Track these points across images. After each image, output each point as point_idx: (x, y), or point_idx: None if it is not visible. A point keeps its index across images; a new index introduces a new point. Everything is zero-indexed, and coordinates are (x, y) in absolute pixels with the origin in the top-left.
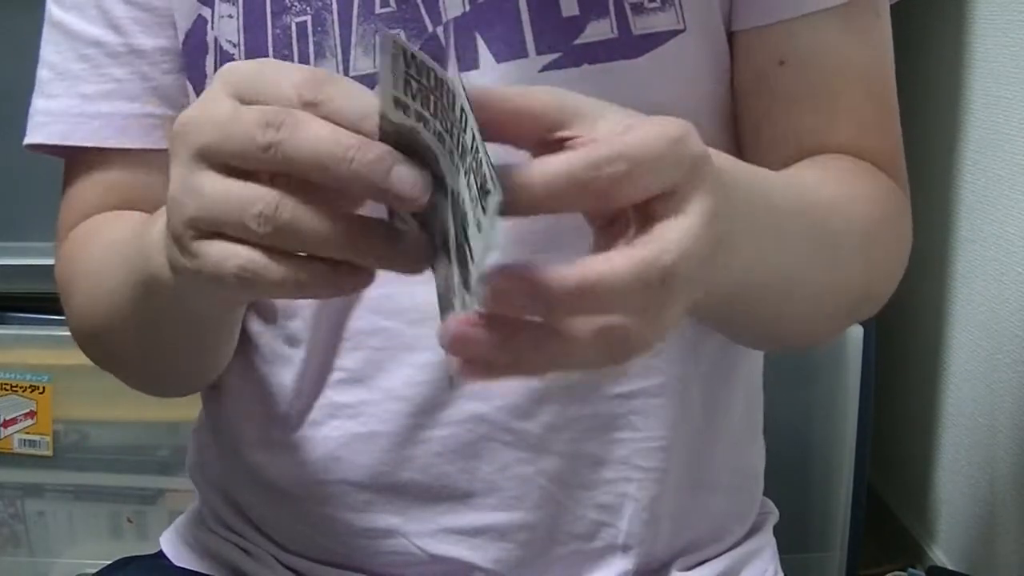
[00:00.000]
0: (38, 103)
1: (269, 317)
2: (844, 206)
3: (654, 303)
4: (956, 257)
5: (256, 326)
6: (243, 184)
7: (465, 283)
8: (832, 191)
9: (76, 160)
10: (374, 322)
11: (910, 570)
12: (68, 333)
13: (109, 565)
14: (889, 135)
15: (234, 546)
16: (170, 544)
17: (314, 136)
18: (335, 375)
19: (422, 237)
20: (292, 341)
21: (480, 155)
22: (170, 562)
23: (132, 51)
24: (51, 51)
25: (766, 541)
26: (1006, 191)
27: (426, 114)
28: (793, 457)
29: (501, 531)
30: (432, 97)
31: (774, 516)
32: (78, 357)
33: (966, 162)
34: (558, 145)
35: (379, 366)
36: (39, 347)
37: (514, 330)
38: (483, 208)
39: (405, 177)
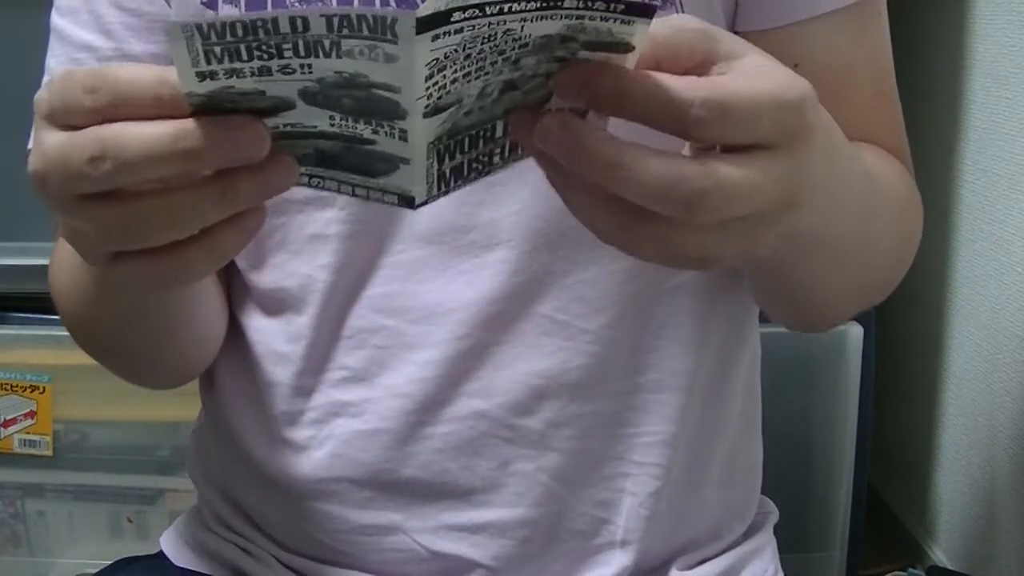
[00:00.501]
0: None
1: (270, 315)
2: (882, 181)
3: (675, 218)
4: (956, 257)
5: (255, 325)
6: (116, 211)
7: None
8: (873, 165)
9: None
10: (376, 321)
11: (910, 570)
12: (68, 333)
13: (109, 565)
14: (896, 127)
15: (234, 546)
16: (170, 544)
17: (136, 144)
18: (337, 373)
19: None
20: (293, 340)
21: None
22: (170, 562)
23: (123, 56)
24: (50, 56)
25: (766, 540)
26: (1006, 191)
27: (238, 65)
28: (793, 457)
29: (502, 528)
30: (244, 45)
31: (774, 515)
32: (78, 357)
33: (966, 162)
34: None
35: (382, 364)
36: (39, 347)
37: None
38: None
39: (237, 134)
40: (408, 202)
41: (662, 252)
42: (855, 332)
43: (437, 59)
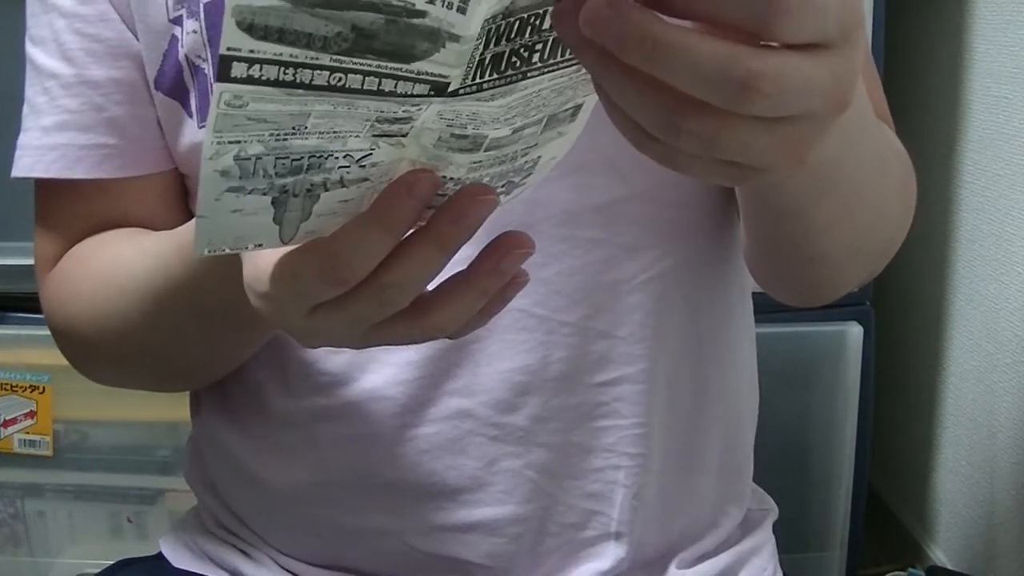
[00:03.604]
0: (19, 138)
1: None
2: (888, 140)
3: (723, 112)
4: (956, 257)
5: None
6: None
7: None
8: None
9: (45, 191)
10: None
11: (910, 570)
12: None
13: (109, 566)
14: (882, 96)
15: (233, 548)
16: (169, 546)
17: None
18: (320, 379)
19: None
20: (277, 347)
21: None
22: (170, 564)
23: (84, 82)
24: (27, 86)
25: (766, 539)
26: (1006, 191)
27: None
28: (793, 457)
29: (492, 526)
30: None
31: (774, 513)
32: None
33: (966, 162)
34: None
35: (362, 368)
36: (39, 347)
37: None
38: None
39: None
40: (441, 89)
41: (705, 154)
42: (855, 332)
43: None
